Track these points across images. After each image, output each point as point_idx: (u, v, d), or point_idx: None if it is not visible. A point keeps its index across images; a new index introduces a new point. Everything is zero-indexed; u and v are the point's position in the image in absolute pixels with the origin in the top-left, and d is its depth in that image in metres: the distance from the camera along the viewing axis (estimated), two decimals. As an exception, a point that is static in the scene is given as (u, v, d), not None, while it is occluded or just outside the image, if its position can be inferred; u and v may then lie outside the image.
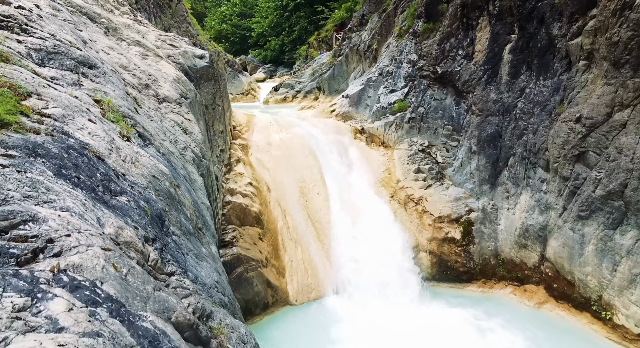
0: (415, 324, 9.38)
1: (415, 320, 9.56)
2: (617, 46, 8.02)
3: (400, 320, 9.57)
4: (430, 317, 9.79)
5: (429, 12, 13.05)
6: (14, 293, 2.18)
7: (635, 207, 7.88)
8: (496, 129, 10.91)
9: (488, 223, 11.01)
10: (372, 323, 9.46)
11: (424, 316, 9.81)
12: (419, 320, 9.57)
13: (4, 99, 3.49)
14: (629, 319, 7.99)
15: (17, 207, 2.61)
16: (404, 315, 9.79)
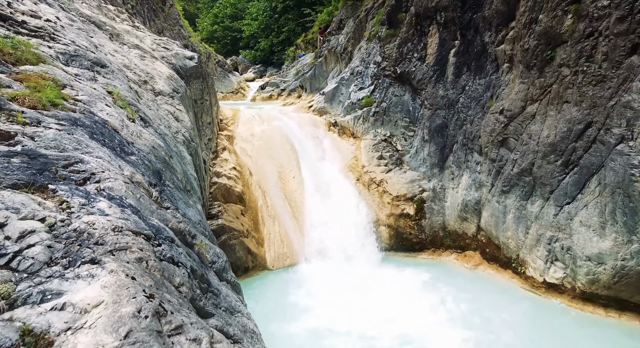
0: (373, 283, 10.97)
1: (373, 280, 11.15)
2: (527, 52, 9.66)
3: (361, 280, 11.16)
4: (386, 277, 11.39)
5: (391, 19, 14.64)
6: (78, 197, 3.69)
7: (539, 181, 9.54)
8: (443, 121, 12.53)
9: (437, 201, 12.63)
10: (337, 283, 11.02)
11: (382, 277, 11.41)
12: (377, 280, 11.16)
13: (51, 88, 4.97)
14: (536, 271, 9.66)
15: (72, 154, 4.12)
16: (365, 277, 11.37)
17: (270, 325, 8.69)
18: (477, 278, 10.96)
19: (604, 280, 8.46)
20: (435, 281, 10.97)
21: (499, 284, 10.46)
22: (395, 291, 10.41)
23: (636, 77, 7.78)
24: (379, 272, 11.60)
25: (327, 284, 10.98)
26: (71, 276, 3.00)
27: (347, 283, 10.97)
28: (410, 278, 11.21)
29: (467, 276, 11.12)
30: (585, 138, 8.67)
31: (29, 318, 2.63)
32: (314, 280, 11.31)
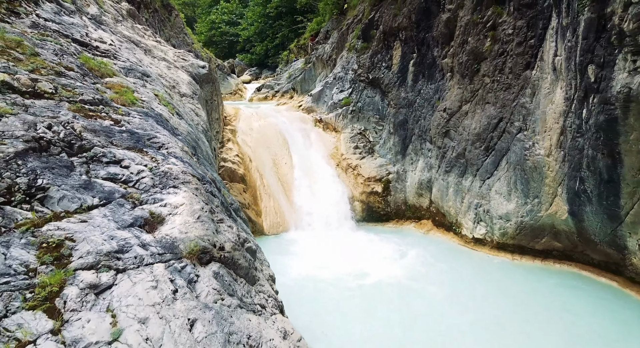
0: (348, 244, 13.56)
1: (348, 242, 13.73)
2: (462, 65, 12.34)
3: (338, 243, 13.75)
4: (359, 240, 13.99)
5: (365, 35, 17.27)
6: (159, 155, 6.29)
7: (470, 162, 12.23)
8: (404, 117, 15.19)
9: (400, 181, 15.29)
10: (320, 244, 13.60)
11: (355, 240, 14.00)
12: (351, 242, 13.74)
13: (128, 92, 7.52)
14: (467, 230, 12.37)
15: (150, 132, 6.70)
16: (342, 240, 13.97)
17: (267, 269, 11.31)
18: (428, 240, 13.64)
19: (510, 233, 11.18)
20: (396, 243, 13.59)
21: (443, 243, 13.15)
22: (364, 250, 13.03)
23: (528, 85, 10.49)
24: (353, 237, 14.24)
25: (312, 245, 13.59)
26: (165, 192, 5.65)
27: (327, 244, 13.58)
28: (377, 241, 13.85)
29: (421, 239, 13.79)
30: (498, 129, 11.38)
31: (152, 209, 5.27)
32: (301, 243, 13.91)
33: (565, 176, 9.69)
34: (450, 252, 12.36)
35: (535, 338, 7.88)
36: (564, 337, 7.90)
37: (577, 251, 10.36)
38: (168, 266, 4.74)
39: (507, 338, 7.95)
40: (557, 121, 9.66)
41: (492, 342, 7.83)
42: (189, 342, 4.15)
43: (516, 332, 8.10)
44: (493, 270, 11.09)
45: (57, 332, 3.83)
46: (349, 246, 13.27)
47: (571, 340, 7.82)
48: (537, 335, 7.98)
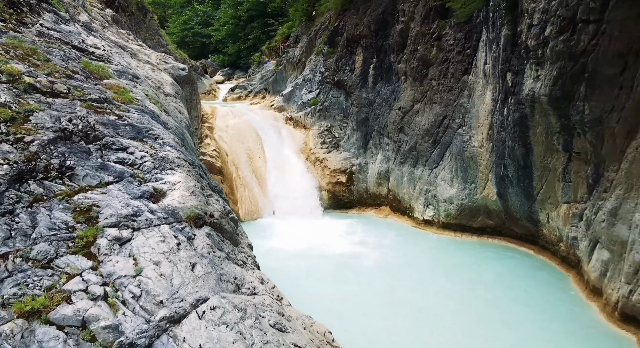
0: (315, 227, 15.00)
1: (315, 226, 15.17)
2: (413, 70, 14.00)
3: (307, 226, 15.17)
4: (325, 224, 15.46)
5: (331, 41, 18.76)
6: (157, 144, 7.53)
7: (420, 154, 13.93)
8: (366, 115, 16.77)
9: (362, 172, 16.87)
10: (290, 228, 14.97)
11: (322, 224, 15.46)
12: (318, 226, 15.19)
13: (125, 92, 8.67)
14: (419, 213, 14.06)
15: (147, 125, 7.92)
16: (310, 224, 15.41)
17: (244, 248, 12.63)
18: (386, 223, 15.26)
19: (453, 214, 12.92)
20: (358, 226, 15.15)
21: (398, 225, 14.79)
22: (329, 232, 14.50)
23: (466, 88, 12.23)
24: (320, 221, 15.70)
25: (283, 229, 14.94)
26: (164, 173, 6.92)
27: (296, 228, 14.95)
28: (341, 224, 15.34)
29: (380, 222, 15.41)
30: (443, 125, 13.09)
31: (155, 185, 6.54)
32: (273, 227, 15.25)
33: (493, 163, 11.47)
34: (403, 232, 14.02)
35: (473, 292, 9.51)
36: (494, 290, 9.58)
37: (505, 227, 12.18)
38: (172, 227, 6.06)
39: (445, 293, 9.56)
40: (486, 118, 11.42)
41: (434, 296, 9.42)
42: (192, 277, 5.50)
43: (454, 289, 9.74)
44: (438, 245, 12.79)
45: (95, 268, 5.11)
46: (316, 229, 14.70)
47: (499, 292, 9.50)
48: (473, 290, 9.63)
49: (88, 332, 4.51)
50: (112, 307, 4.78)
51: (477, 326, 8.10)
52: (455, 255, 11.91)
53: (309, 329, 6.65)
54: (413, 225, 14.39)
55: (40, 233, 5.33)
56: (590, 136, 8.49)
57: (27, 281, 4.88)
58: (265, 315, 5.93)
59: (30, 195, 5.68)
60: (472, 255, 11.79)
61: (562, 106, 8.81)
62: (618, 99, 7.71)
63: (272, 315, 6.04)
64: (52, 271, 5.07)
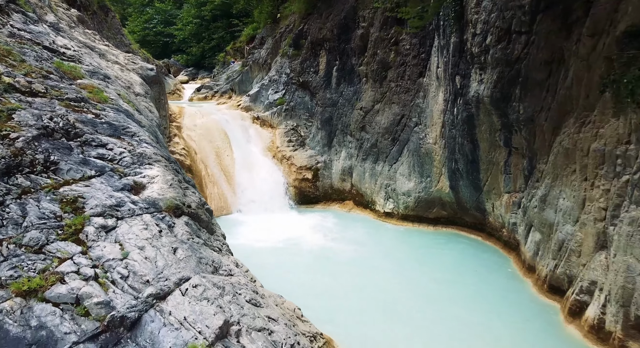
0: (283, 221, 15.59)
1: (284, 220, 15.77)
2: (374, 72, 14.90)
3: (275, 221, 15.75)
4: (292, 218, 16.10)
5: (296, 43, 19.42)
6: (134, 141, 7.94)
7: (381, 151, 14.85)
8: (330, 115, 17.55)
9: (327, 169, 17.64)
10: (259, 223, 15.50)
11: (289, 218, 16.09)
12: (286, 220, 15.79)
13: (100, 92, 8.96)
14: (380, 206, 14.98)
15: (124, 124, 8.31)
16: (278, 219, 16.00)
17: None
18: (349, 216, 16.10)
19: (411, 206, 13.90)
20: (324, 220, 15.89)
21: (361, 218, 15.64)
22: (297, 225, 15.16)
23: (421, 89, 13.22)
24: (288, 216, 16.33)
25: (252, 224, 15.45)
26: (142, 168, 7.38)
27: (266, 222, 15.50)
28: (308, 218, 16.04)
29: (344, 215, 16.22)
30: (401, 124, 14.05)
31: (135, 179, 7.00)
32: (243, 222, 15.73)
33: (446, 158, 12.51)
34: (366, 224, 14.88)
35: (429, 275, 10.41)
36: (447, 272, 10.52)
37: (457, 217, 13.27)
38: (153, 216, 6.55)
39: (404, 276, 10.43)
40: (439, 117, 12.44)
41: (394, 279, 10.27)
42: (174, 260, 6.02)
43: (413, 273, 10.62)
44: (398, 235, 13.73)
45: (85, 252, 5.55)
46: (284, 224, 15.30)
47: (451, 273, 10.44)
48: (429, 273, 10.54)
49: (82, 307, 4.98)
50: (103, 286, 5.26)
51: (431, 302, 9.00)
52: (413, 243, 12.87)
53: (280, 306, 7.32)
54: (375, 217, 15.29)
55: (30, 222, 5.71)
56: (525, 133, 9.60)
57: (21, 264, 5.29)
58: (242, 292, 6.55)
59: (18, 188, 6.03)
60: (428, 243, 12.78)
61: (501, 106, 9.88)
62: (545, 101, 8.82)
63: (248, 292, 6.67)
64: (44, 256, 5.48)
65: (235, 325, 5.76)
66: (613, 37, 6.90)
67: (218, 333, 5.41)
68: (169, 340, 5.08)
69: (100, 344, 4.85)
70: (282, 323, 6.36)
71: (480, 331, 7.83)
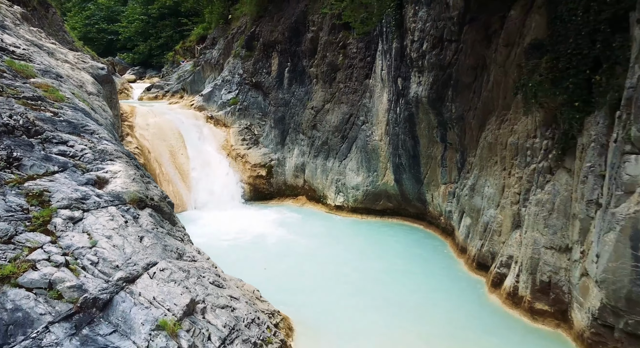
0: (239, 217, 15.99)
1: (239, 216, 16.16)
2: (323, 74, 15.71)
3: (231, 217, 16.10)
4: (248, 214, 16.52)
5: (248, 45, 19.84)
6: (94, 138, 8.17)
7: (332, 148, 15.70)
8: (282, 114, 18.18)
9: (280, 166, 18.25)
10: (215, 219, 15.81)
11: (245, 214, 16.49)
12: (241, 216, 16.19)
13: (55, 91, 9.02)
14: (331, 200, 15.83)
15: (82, 122, 8.49)
16: (233, 215, 16.36)
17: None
18: (302, 210, 16.81)
19: (360, 199, 14.86)
20: (278, 214, 16.48)
21: (314, 212, 16.41)
22: (252, 220, 15.64)
23: (368, 90, 14.20)
24: (243, 212, 16.75)
25: (208, 220, 15.76)
26: (104, 164, 7.68)
27: (221, 218, 15.83)
28: (263, 213, 16.57)
29: (297, 210, 16.91)
30: (350, 122, 14.97)
31: (98, 174, 7.32)
32: (199, 219, 15.96)
33: (390, 154, 13.56)
34: (318, 217, 15.66)
35: (377, 260, 11.29)
36: (393, 258, 11.45)
37: (402, 208, 14.38)
38: (118, 208, 6.91)
39: (355, 262, 11.26)
40: (384, 115, 13.46)
41: (345, 266, 11.06)
42: (141, 247, 6.44)
43: (362, 259, 11.49)
44: (348, 226, 14.62)
45: (54, 241, 5.86)
46: (240, 219, 15.74)
47: (396, 258, 11.39)
48: (378, 259, 11.44)
49: (55, 291, 5.34)
50: (74, 272, 5.62)
51: (378, 283, 9.90)
52: (362, 233, 13.80)
53: (240, 288, 7.90)
54: (326, 211, 16.11)
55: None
56: (457, 130, 10.78)
57: (-7, 254, 5.53)
58: (205, 275, 7.09)
59: (-17, 183, 6.21)
60: (376, 232, 13.77)
61: (437, 106, 11.00)
62: (472, 101, 10.01)
63: (211, 275, 7.21)
64: (14, 246, 5.76)
65: (201, 303, 6.30)
66: (522, 47, 8.10)
67: (185, 310, 5.94)
68: (140, 317, 5.54)
69: (75, 323, 5.24)
70: (243, 302, 6.96)
71: (420, 304, 8.82)
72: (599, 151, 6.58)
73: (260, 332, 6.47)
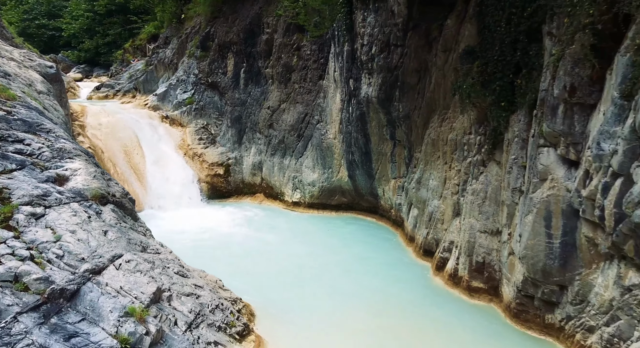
0: (197, 215, 16.06)
1: (198, 214, 16.21)
2: (279, 74, 16.17)
3: (189, 215, 16.15)
4: (206, 212, 16.63)
5: (203, 45, 19.89)
6: (51, 137, 8.18)
7: (288, 146, 16.20)
8: (239, 114, 18.42)
9: (238, 165, 18.49)
10: (174, 217, 15.80)
11: (203, 212, 16.58)
12: (200, 214, 16.26)
13: (6, 89, 8.86)
14: (288, 196, 16.33)
15: (38, 120, 8.44)
16: (192, 213, 16.42)
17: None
18: (260, 207, 17.15)
19: (316, 195, 15.47)
20: (237, 211, 16.72)
21: (272, 208, 16.81)
22: (211, 218, 15.80)
23: (322, 90, 14.83)
24: (201, 210, 16.83)
25: (166, 219, 15.73)
26: (63, 161, 7.77)
27: (180, 217, 15.81)
28: (222, 211, 16.74)
29: (255, 207, 17.23)
30: (305, 122, 15.53)
31: (58, 172, 7.42)
32: (157, 218, 15.84)
33: (344, 151, 14.26)
34: (276, 213, 16.10)
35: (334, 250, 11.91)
36: (347, 248, 12.12)
37: (355, 203, 15.13)
38: (81, 204, 7.06)
39: (313, 253, 11.80)
40: (337, 115, 14.14)
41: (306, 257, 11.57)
42: (106, 240, 6.65)
43: (320, 250, 12.06)
44: (305, 220, 15.15)
45: (18, 237, 5.98)
46: (198, 217, 15.87)
47: (350, 247, 12.08)
48: (334, 249, 12.04)
49: (21, 284, 5.51)
50: (40, 265, 5.79)
51: (334, 272, 10.50)
52: (318, 227, 14.39)
53: (204, 278, 8.23)
54: (284, 207, 16.58)
55: (-42, 211, 5.96)
56: (404, 128, 11.64)
57: (-45, 250, 5.59)
58: (170, 266, 7.39)
59: (-60, 181, 6.21)
60: (331, 226, 14.41)
61: (386, 105, 11.80)
62: (417, 101, 10.88)
63: (175, 266, 7.52)
64: (-24, 242, 5.82)
65: (167, 292, 6.62)
66: (457, 53, 9.01)
67: (152, 298, 6.25)
68: (109, 305, 5.81)
69: (43, 313, 5.43)
70: (207, 290, 7.32)
71: (372, 289, 9.52)
72: (521, 145, 7.55)
73: (224, 317, 6.86)
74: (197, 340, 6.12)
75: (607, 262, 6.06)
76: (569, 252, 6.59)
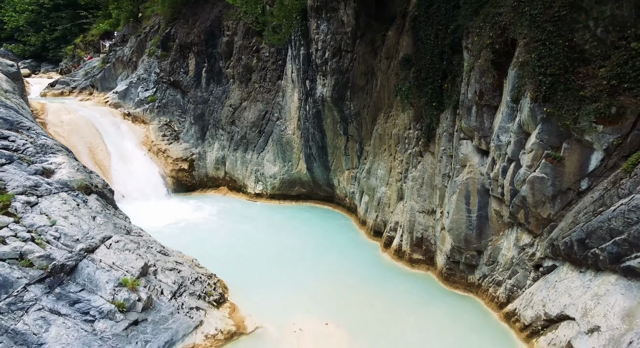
0: (163, 208, 16.67)
1: (163, 207, 16.82)
2: (240, 74, 17.06)
3: (155, 208, 16.70)
4: (172, 205, 17.22)
5: (164, 45, 20.30)
6: (33, 134, 8.77)
7: (250, 142, 17.17)
8: (202, 111, 19.11)
9: (202, 160, 19.19)
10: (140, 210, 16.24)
11: (169, 205, 17.16)
12: (165, 206, 16.85)
13: (-17, 90, 9.26)
14: (251, 189, 17.31)
15: (17, 119, 8.97)
16: (158, 206, 16.98)
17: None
18: (224, 199, 18.00)
19: (277, 186, 16.58)
20: (201, 203, 17.47)
21: (235, 200, 17.70)
22: (178, 210, 16.47)
23: (280, 90, 15.92)
24: (167, 203, 17.43)
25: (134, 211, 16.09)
26: (47, 156, 8.47)
27: (146, 209, 16.32)
28: (187, 204, 17.39)
29: (219, 199, 18.06)
30: (265, 119, 16.56)
31: (43, 165, 8.14)
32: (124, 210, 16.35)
33: (302, 146, 15.45)
34: (240, 204, 17.04)
35: (294, 235, 13.04)
36: (307, 232, 13.32)
37: (314, 193, 16.38)
38: (69, 194, 7.82)
39: (276, 239, 12.93)
40: (295, 112, 15.29)
41: (269, 242, 12.67)
42: (96, 224, 7.48)
43: (282, 236, 13.19)
44: (268, 210, 16.23)
45: (18, 221, 6.73)
46: (165, 209, 16.50)
47: (309, 232, 13.28)
48: (294, 234, 13.18)
49: (26, 260, 6.33)
50: (41, 245, 6.61)
51: (295, 253, 11.68)
52: (280, 215, 15.51)
53: (182, 257, 9.17)
54: (247, 198, 17.55)
55: (-37, 200, 6.66)
56: (356, 124, 12.99)
57: (-37, 233, 6.32)
58: (153, 246, 8.32)
59: (-59, 174, 6.84)
60: (292, 214, 15.58)
61: (339, 104, 13.09)
62: (366, 100, 12.26)
63: (157, 246, 8.46)
64: (-19, 226, 6.55)
65: (153, 267, 7.56)
66: (397, 60, 10.44)
67: (141, 271, 7.19)
68: (104, 278, 6.72)
69: (48, 284, 6.29)
70: (186, 266, 8.30)
71: (328, 265, 10.80)
72: (448, 138, 9.07)
73: (203, 287, 7.89)
74: (181, 306, 7.13)
75: (509, 229, 7.68)
76: (483, 223, 8.18)
